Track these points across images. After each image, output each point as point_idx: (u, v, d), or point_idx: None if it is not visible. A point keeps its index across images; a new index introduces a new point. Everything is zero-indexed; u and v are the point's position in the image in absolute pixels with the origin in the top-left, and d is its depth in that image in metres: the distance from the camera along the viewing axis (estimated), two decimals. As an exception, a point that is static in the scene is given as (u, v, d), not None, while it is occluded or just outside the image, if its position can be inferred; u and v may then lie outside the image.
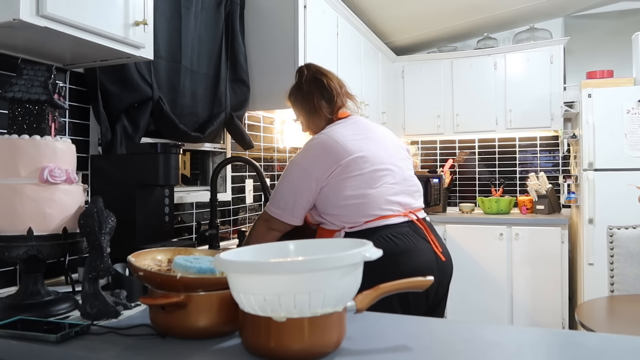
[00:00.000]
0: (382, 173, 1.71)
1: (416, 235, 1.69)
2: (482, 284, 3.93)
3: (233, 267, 0.89)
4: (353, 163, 1.69)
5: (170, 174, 1.62)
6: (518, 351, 0.95)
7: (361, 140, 1.74)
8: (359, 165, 1.69)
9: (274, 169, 3.16)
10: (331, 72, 1.89)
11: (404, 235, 1.66)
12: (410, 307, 1.60)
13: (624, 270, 2.56)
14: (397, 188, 1.73)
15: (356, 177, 1.68)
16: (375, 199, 1.68)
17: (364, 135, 1.77)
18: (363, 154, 1.70)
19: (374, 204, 1.67)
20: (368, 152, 1.72)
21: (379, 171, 1.71)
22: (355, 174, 1.68)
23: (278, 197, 1.73)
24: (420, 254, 1.67)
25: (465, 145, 4.71)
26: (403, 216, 1.70)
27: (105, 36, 1.45)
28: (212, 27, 2.47)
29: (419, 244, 1.67)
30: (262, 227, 1.78)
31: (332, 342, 0.90)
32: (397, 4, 3.68)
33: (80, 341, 1.01)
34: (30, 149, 1.21)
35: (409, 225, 1.70)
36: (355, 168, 1.69)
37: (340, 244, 1.05)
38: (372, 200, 1.67)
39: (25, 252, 1.18)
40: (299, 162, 1.73)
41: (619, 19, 4.25)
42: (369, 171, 1.69)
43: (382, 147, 1.77)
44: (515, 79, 4.19)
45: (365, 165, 1.69)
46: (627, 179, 3.22)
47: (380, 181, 1.70)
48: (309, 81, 1.84)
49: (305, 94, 1.84)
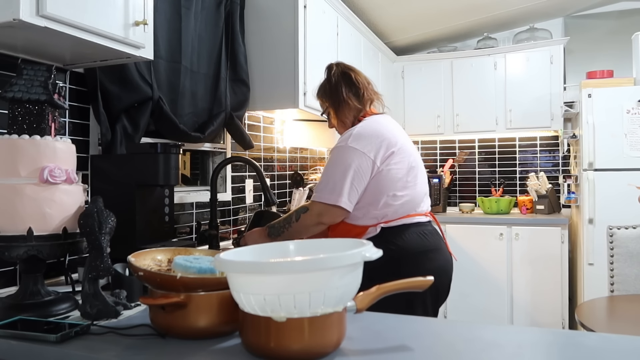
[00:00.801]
0: (418, 171, 1.79)
1: (438, 234, 1.78)
2: (482, 284, 3.93)
3: (233, 267, 0.89)
4: (401, 153, 1.73)
5: (170, 174, 1.62)
6: (518, 351, 0.95)
7: (400, 136, 1.79)
8: (405, 157, 1.74)
9: (274, 169, 3.16)
10: (358, 69, 1.92)
11: (432, 234, 1.75)
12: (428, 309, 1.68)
13: (624, 270, 2.56)
14: (425, 188, 1.82)
15: (404, 170, 1.72)
16: (417, 195, 1.76)
17: (400, 132, 1.82)
18: (405, 148, 1.76)
19: (415, 200, 1.75)
20: (408, 148, 1.78)
21: (416, 168, 1.78)
22: (404, 166, 1.73)
23: (332, 183, 1.65)
24: (444, 252, 1.77)
25: (465, 145, 4.71)
26: (427, 215, 1.80)
27: (105, 36, 1.45)
28: (212, 27, 2.47)
29: (441, 243, 1.77)
30: (310, 219, 1.68)
31: (332, 342, 0.90)
32: (397, 4, 3.68)
33: (80, 341, 1.01)
34: (30, 149, 1.21)
35: (431, 225, 1.79)
36: (404, 159, 1.73)
37: (340, 244, 1.05)
38: (415, 197, 1.75)
39: (25, 252, 1.18)
40: (352, 145, 1.68)
41: (619, 19, 4.25)
42: (412, 167, 1.75)
43: (412, 146, 1.83)
44: (515, 79, 4.19)
45: (410, 160, 1.75)
46: (627, 179, 3.22)
47: (418, 179, 1.78)
48: (337, 75, 1.87)
49: (333, 86, 1.86)
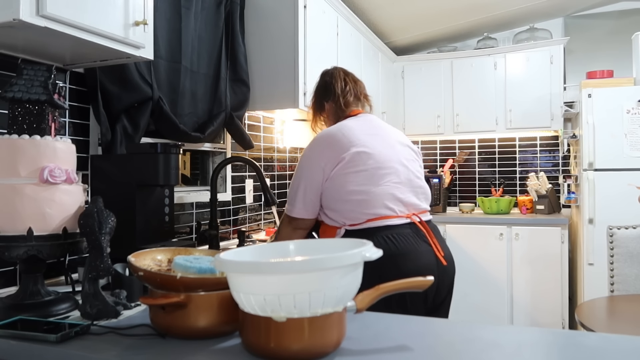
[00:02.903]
0: (386, 171, 1.72)
1: (417, 237, 1.68)
2: (482, 284, 3.93)
3: (233, 267, 0.89)
4: (357, 157, 1.70)
5: (170, 174, 1.62)
6: (518, 351, 0.95)
7: (368, 136, 1.76)
8: (363, 160, 1.70)
9: (274, 169, 3.15)
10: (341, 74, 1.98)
11: (404, 237, 1.66)
12: (408, 309, 1.58)
13: (624, 270, 2.56)
14: (402, 188, 1.73)
15: (360, 173, 1.69)
16: (378, 196, 1.68)
17: (372, 132, 1.79)
18: (368, 149, 1.72)
19: (376, 201, 1.68)
20: (374, 148, 1.73)
21: (383, 169, 1.71)
22: (360, 169, 1.70)
23: (292, 195, 1.78)
24: (420, 256, 1.66)
25: (465, 145, 4.71)
26: (405, 217, 1.70)
27: (105, 36, 1.45)
28: (212, 27, 2.47)
29: (420, 247, 1.67)
30: (287, 228, 1.82)
31: (332, 342, 0.90)
32: (397, 4, 3.68)
33: (80, 341, 1.01)
34: (30, 149, 1.21)
35: (410, 227, 1.69)
36: (359, 162, 1.70)
37: (340, 244, 1.05)
38: (374, 198, 1.68)
39: (25, 252, 1.18)
40: (307, 154, 1.78)
41: (619, 19, 4.25)
42: (372, 168, 1.70)
43: (388, 146, 1.78)
44: (515, 79, 4.19)
45: (369, 162, 1.70)
46: (627, 179, 3.22)
47: (383, 179, 1.71)
48: (317, 84, 2.01)
49: (313, 95, 2.02)
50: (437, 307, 1.75)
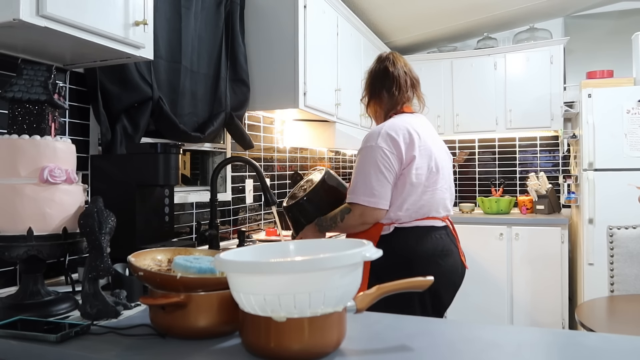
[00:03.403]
0: (439, 176, 1.79)
1: (449, 239, 1.80)
2: (482, 284, 3.93)
3: (233, 267, 0.89)
4: (423, 157, 1.75)
5: (170, 174, 1.61)
6: (518, 351, 0.95)
7: (427, 138, 1.81)
8: (425, 161, 1.76)
9: (274, 169, 3.15)
10: (404, 66, 1.94)
11: (444, 239, 1.78)
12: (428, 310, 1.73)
13: (624, 270, 2.56)
14: (446, 194, 1.83)
15: (422, 175, 1.75)
16: (435, 201, 1.78)
17: (429, 134, 1.84)
18: (430, 151, 1.79)
19: (432, 206, 1.77)
20: (432, 152, 1.79)
21: (437, 173, 1.79)
22: (424, 170, 1.75)
23: (369, 186, 1.72)
24: (454, 257, 1.79)
25: (465, 145, 4.71)
26: (442, 220, 1.81)
27: (105, 36, 1.45)
28: (212, 27, 2.47)
29: (453, 248, 1.80)
30: (355, 221, 1.75)
31: (332, 342, 0.90)
32: (397, 4, 3.68)
33: (80, 341, 1.01)
34: (30, 149, 1.21)
35: (446, 230, 1.81)
36: (424, 163, 1.76)
37: (340, 244, 1.05)
38: (433, 203, 1.77)
39: (25, 252, 1.18)
40: (381, 145, 1.74)
41: (619, 19, 4.25)
42: (431, 171, 1.77)
43: (439, 150, 1.85)
44: (515, 79, 4.19)
45: (431, 164, 1.78)
46: (627, 179, 3.22)
47: (437, 184, 1.79)
48: (378, 69, 1.93)
49: (372, 78, 1.94)
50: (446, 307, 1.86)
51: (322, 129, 3.18)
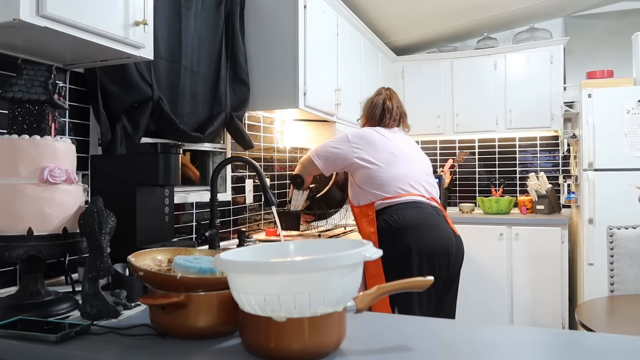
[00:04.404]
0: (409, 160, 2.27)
1: (436, 214, 2.17)
2: (483, 284, 3.93)
3: (233, 267, 0.89)
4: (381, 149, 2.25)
5: (170, 174, 1.61)
6: (518, 351, 0.95)
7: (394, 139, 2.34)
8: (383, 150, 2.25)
9: (274, 169, 3.15)
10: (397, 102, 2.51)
11: (429, 212, 2.15)
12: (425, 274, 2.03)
13: (624, 270, 2.56)
14: (422, 176, 2.26)
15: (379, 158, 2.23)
16: (401, 177, 2.20)
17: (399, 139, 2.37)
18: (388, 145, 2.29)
19: (400, 182, 2.19)
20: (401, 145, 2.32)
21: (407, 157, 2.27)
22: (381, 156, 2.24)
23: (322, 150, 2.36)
24: (442, 228, 2.14)
25: (465, 145, 4.71)
26: (428, 199, 2.21)
27: (105, 36, 1.45)
28: (212, 27, 2.47)
29: (441, 221, 2.16)
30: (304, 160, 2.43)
31: (332, 342, 0.90)
32: (397, 4, 3.68)
33: (80, 341, 1.01)
34: (30, 149, 1.21)
35: (432, 206, 2.19)
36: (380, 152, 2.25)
37: (340, 244, 1.05)
38: (398, 178, 2.19)
39: (25, 252, 1.18)
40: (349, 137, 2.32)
41: (619, 19, 4.25)
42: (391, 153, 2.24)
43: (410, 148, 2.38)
44: (515, 79, 4.19)
45: (389, 152, 2.25)
46: (627, 179, 3.22)
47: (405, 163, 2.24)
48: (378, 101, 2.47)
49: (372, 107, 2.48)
50: (452, 280, 2.19)
51: (322, 129, 3.18)
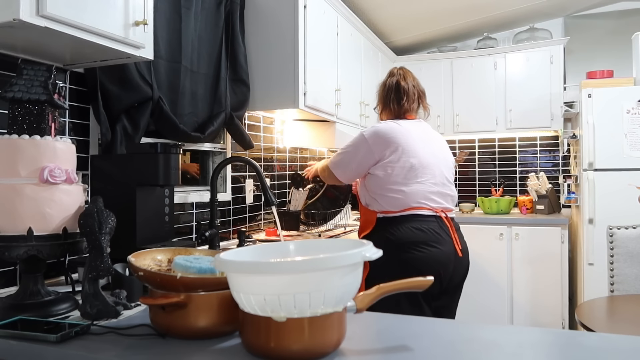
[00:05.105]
0: (426, 171, 2.02)
1: (441, 229, 1.98)
2: (482, 284, 3.93)
3: (233, 267, 0.89)
4: (405, 154, 2.00)
5: (170, 174, 1.61)
6: (518, 351, 0.95)
7: (418, 140, 2.05)
8: (407, 158, 2.00)
9: (274, 169, 3.15)
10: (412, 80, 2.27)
11: (430, 228, 1.97)
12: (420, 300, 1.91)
13: (624, 270, 2.56)
14: (435, 189, 2.03)
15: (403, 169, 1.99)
16: (417, 193, 1.99)
17: (423, 137, 2.09)
18: (415, 151, 2.02)
19: (415, 197, 1.99)
20: (417, 151, 2.02)
21: (424, 168, 2.02)
22: (404, 164, 1.99)
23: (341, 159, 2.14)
24: (442, 245, 1.96)
25: (465, 145, 4.71)
26: (433, 211, 2.00)
27: (105, 36, 1.45)
28: (212, 27, 2.47)
29: (442, 237, 1.97)
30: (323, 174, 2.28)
31: (332, 342, 0.90)
32: (397, 4, 3.68)
33: (80, 341, 1.01)
34: (30, 149, 1.21)
35: (436, 220, 2.00)
36: (404, 158, 1.99)
37: (340, 244, 1.05)
38: (415, 194, 1.99)
39: (25, 252, 1.18)
40: (367, 136, 2.07)
41: (619, 19, 4.25)
42: (415, 166, 2.00)
43: (432, 149, 2.08)
44: (515, 79, 4.19)
45: (412, 160, 2.00)
46: (627, 179, 3.22)
47: (421, 177, 2.01)
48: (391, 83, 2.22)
49: (386, 91, 2.23)
50: (450, 292, 2.04)
51: (322, 129, 3.18)
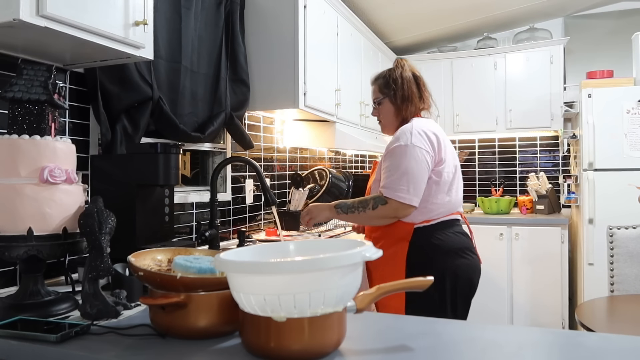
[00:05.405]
0: (457, 175, 1.92)
1: (467, 235, 1.93)
2: (482, 284, 3.87)
3: (233, 267, 0.89)
4: (447, 159, 1.85)
5: (170, 174, 1.61)
6: (518, 351, 0.95)
7: (446, 140, 1.90)
8: (452, 161, 1.89)
9: (274, 169, 3.15)
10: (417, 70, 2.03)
11: (464, 234, 1.91)
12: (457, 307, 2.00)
13: (624, 270, 2.56)
14: (461, 194, 1.95)
15: (450, 173, 1.86)
16: (457, 199, 1.90)
17: (446, 137, 1.93)
18: (452, 152, 1.91)
19: (455, 204, 1.89)
20: (453, 152, 1.91)
21: (456, 172, 1.90)
22: (451, 169, 1.87)
23: (405, 183, 1.75)
24: (474, 251, 1.91)
25: (465, 145, 4.71)
26: (459, 215, 1.94)
27: (105, 36, 1.45)
28: (212, 27, 2.47)
29: (471, 243, 1.92)
30: (388, 213, 1.77)
31: (332, 342, 0.90)
32: (397, 4, 3.68)
33: (80, 341, 1.01)
34: (30, 149, 1.21)
35: (462, 225, 1.94)
36: (449, 164, 1.86)
37: (340, 244, 1.05)
38: (456, 201, 1.89)
39: (25, 252, 1.18)
40: (416, 144, 1.79)
41: (619, 19, 4.25)
42: (452, 174, 1.87)
43: (454, 151, 1.95)
44: (515, 79, 4.19)
45: (455, 163, 1.91)
46: (627, 179, 3.22)
47: (456, 182, 1.90)
48: (409, 73, 1.97)
49: (404, 81, 1.94)
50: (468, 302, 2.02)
51: (322, 129, 3.18)
